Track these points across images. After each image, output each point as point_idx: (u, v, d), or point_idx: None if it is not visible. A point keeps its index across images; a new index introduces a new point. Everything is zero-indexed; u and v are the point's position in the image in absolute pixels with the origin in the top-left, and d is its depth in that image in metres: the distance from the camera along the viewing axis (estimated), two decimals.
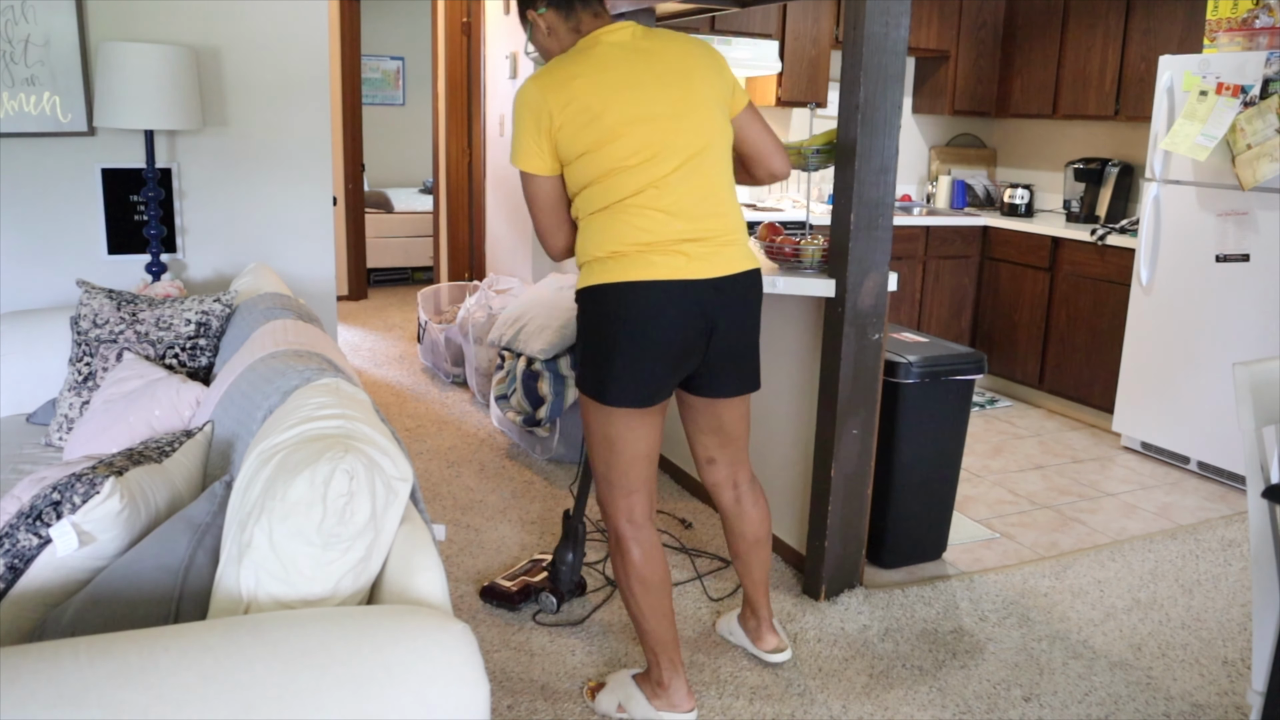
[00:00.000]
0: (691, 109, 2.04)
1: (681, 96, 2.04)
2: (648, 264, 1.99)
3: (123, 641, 1.17)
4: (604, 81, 1.99)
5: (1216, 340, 3.97)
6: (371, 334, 6.29)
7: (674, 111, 2.02)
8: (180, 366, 2.69)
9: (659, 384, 2.06)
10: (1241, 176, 3.75)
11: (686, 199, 2.02)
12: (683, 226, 2.01)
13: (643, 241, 2.00)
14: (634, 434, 2.11)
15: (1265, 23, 3.82)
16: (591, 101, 1.98)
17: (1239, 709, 2.46)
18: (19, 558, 1.59)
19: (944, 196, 5.81)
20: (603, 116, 1.98)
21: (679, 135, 2.02)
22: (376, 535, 1.45)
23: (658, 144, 2.00)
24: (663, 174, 2.00)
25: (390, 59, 8.97)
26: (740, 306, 2.10)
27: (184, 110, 3.26)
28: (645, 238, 2.00)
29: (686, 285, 2.00)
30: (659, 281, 1.98)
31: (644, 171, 1.99)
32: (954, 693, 2.49)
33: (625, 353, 2.02)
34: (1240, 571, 3.22)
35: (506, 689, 2.44)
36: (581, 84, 1.99)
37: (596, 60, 2.02)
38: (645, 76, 2.02)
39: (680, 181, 2.02)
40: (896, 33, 2.68)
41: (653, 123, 2.00)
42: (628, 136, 1.98)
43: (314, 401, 1.67)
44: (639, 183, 1.99)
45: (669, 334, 2.01)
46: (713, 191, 2.06)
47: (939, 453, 3.15)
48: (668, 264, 2.00)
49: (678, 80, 2.04)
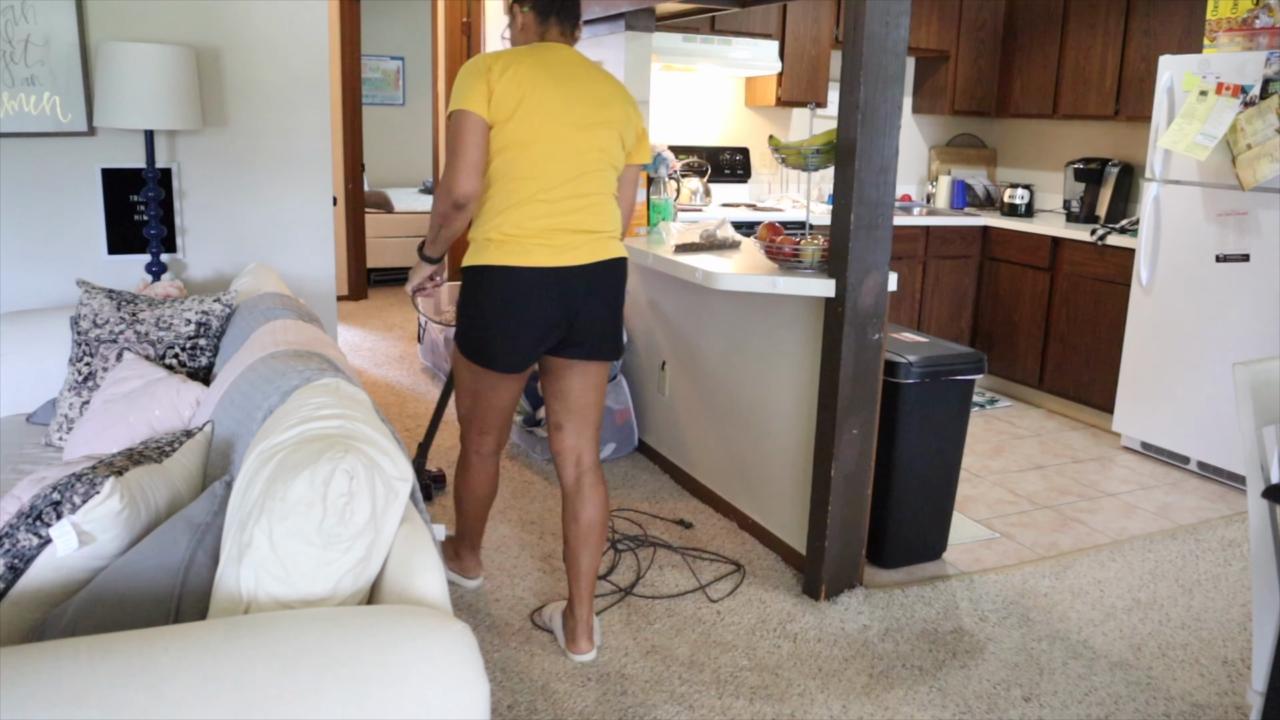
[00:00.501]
0: (597, 129, 2.36)
1: (593, 116, 2.36)
2: (526, 251, 2.30)
3: (123, 641, 1.17)
4: (539, 74, 2.30)
5: (1216, 340, 3.97)
6: (371, 334, 6.29)
7: (582, 124, 2.34)
8: (180, 366, 2.69)
9: (527, 353, 2.39)
10: (1241, 176, 3.75)
11: (565, 199, 2.33)
12: (554, 221, 2.32)
13: (520, 231, 2.31)
14: (497, 392, 2.51)
15: (1265, 23, 3.82)
16: (524, 82, 2.28)
17: (1239, 709, 2.46)
18: (19, 558, 1.59)
19: (944, 196, 5.81)
20: (528, 97, 2.28)
21: (579, 143, 2.33)
22: (376, 535, 1.45)
23: (559, 143, 2.31)
24: (551, 170, 2.31)
25: (390, 59, 8.97)
26: (604, 289, 2.41)
27: (184, 110, 3.26)
28: (521, 229, 2.31)
29: (558, 271, 2.32)
30: (534, 268, 2.30)
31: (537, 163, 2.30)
32: (954, 693, 2.49)
33: (502, 326, 2.34)
34: (1240, 571, 3.22)
35: (506, 689, 2.44)
36: (523, 68, 2.29)
37: (541, 58, 2.34)
38: (572, 88, 2.34)
39: (569, 183, 2.33)
40: (896, 33, 2.68)
41: (562, 123, 2.31)
42: (535, 125, 2.29)
43: (314, 401, 1.67)
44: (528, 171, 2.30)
45: (538, 313, 2.33)
46: (589, 198, 2.37)
47: (939, 453, 3.15)
48: (539, 252, 2.31)
49: (595, 104, 2.37)
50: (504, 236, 2.31)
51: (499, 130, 2.29)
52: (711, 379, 3.60)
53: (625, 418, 4.08)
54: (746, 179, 5.38)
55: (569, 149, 2.33)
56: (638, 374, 4.18)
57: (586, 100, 2.35)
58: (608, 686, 2.46)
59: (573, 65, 2.38)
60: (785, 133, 5.61)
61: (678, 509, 3.59)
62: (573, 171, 2.33)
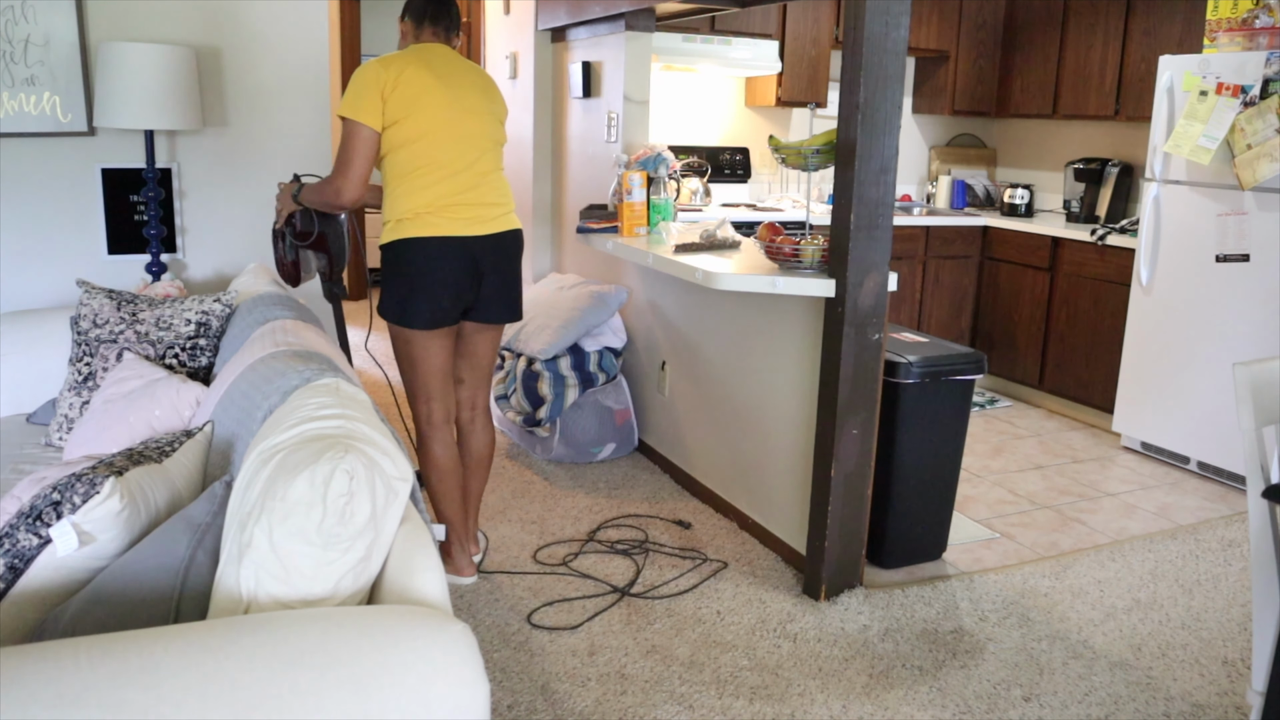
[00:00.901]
0: (481, 114, 2.73)
1: (476, 103, 2.72)
2: (433, 224, 2.65)
3: (123, 641, 1.17)
4: (424, 73, 2.63)
5: (1216, 340, 3.97)
6: (371, 334, 6.28)
7: (468, 111, 2.70)
8: (180, 366, 2.69)
9: (443, 312, 2.73)
10: (1241, 177, 3.75)
11: (464, 177, 2.68)
12: (459, 196, 2.68)
13: (429, 207, 2.65)
14: (428, 351, 2.78)
15: (1265, 23, 3.82)
16: (413, 82, 2.60)
17: (1239, 709, 2.46)
18: (19, 558, 1.59)
19: (944, 196, 5.81)
20: (419, 95, 2.60)
21: (467, 128, 2.69)
22: (376, 535, 1.45)
23: (450, 130, 2.65)
24: (449, 155, 2.65)
25: None
26: (503, 256, 2.78)
27: (184, 110, 3.26)
28: (430, 204, 2.65)
29: (465, 240, 2.69)
30: (440, 237, 2.66)
31: (435, 150, 2.63)
32: (954, 693, 2.49)
33: (419, 288, 2.68)
34: (1240, 571, 3.22)
35: (506, 689, 2.44)
36: (409, 69, 2.61)
37: (424, 59, 2.67)
38: (453, 81, 2.69)
39: (463, 163, 2.68)
40: (896, 33, 2.68)
41: (452, 112, 2.66)
42: (427, 117, 2.61)
43: (314, 401, 1.67)
44: (430, 158, 2.63)
45: (449, 276, 2.69)
46: (486, 175, 2.74)
47: (939, 453, 3.15)
48: (448, 224, 2.66)
49: (477, 94, 2.73)
50: (415, 214, 2.65)
51: (399, 127, 2.61)
52: (711, 379, 3.60)
53: (625, 418, 4.08)
54: (746, 179, 5.39)
55: (461, 134, 2.67)
56: (638, 374, 4.18)
57: (469, 90, 2.71)
58: (608, 686, 2.46)
59: (451, 62, 2.73)
60: (785, 133, 5.61)
61: (678, 509, 3.59)
62: (468, 155, 2.69)
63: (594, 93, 4.33)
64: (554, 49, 4.75)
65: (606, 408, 4.01)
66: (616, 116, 4.13)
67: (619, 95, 4.09)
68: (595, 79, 4.31)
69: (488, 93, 2.78)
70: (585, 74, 4.34)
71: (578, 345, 4.03)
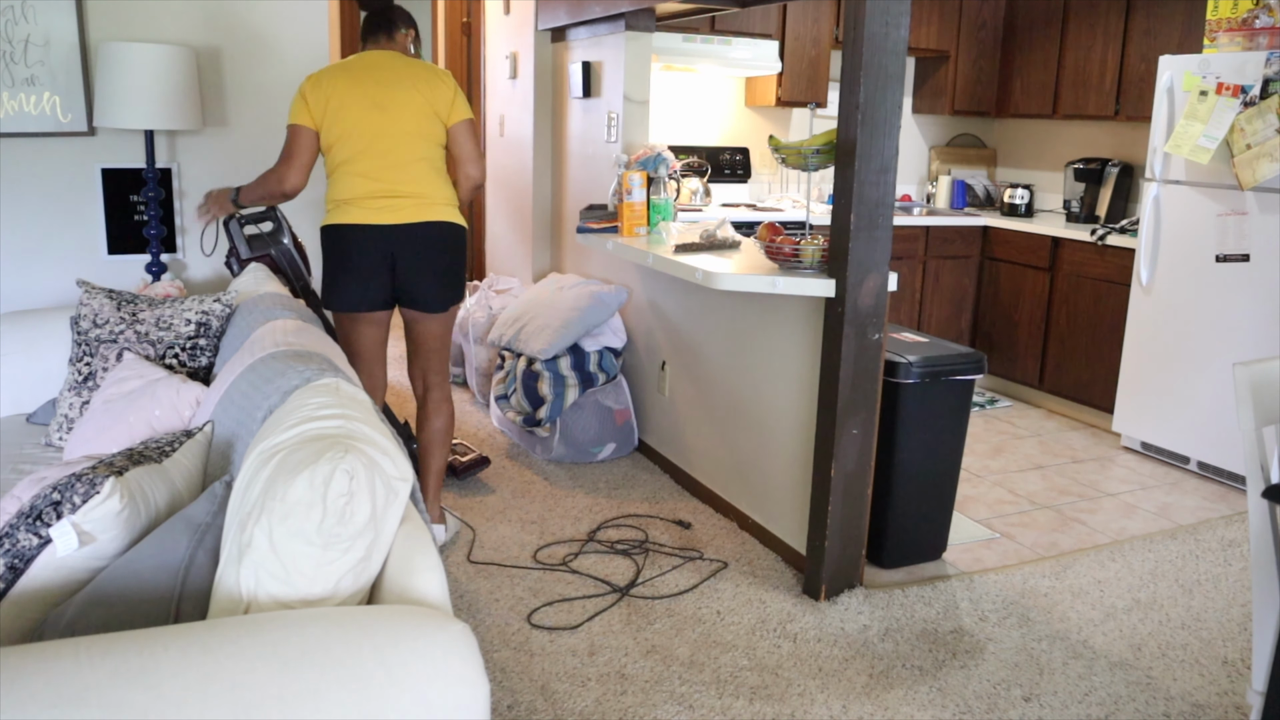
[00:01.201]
0: (398, 108, 2.90)
1: (390, 98, 2.89)
2: (348, 213, 2.89)
3: (123, 641, 1.17)
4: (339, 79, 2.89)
5: (1216, 340, 3.97)
6: None
7: (385, 108, 2.89)
8: (180, 366, 2.69)
9: (360, 296, 2.93)
10: (1241, 177, 3.75)
11: (378, 168, 2.89)
12: (373, 187, 2.89)
13: (348, 197, 2.89)
14: (356, 334, 3.02)
15: (1265, 23, 3.82)
16: (328, 90, 2.88)
17: (1239, 709, 2.46)
18: (19, 558, 1.59)
19: (944, 196, 5.81)
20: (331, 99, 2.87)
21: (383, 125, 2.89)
22: (376, 535, 1.45)
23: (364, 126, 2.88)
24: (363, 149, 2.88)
25: None
26: (419, 245, 2.93)
27: (184, 110, 3.26)
28: (350, 194, 2.89)
29: (377, 228, 2.89)
30: (352, 224, 2.89)
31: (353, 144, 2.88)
32: (954, 693, 2.49)
33: (336, 272, 2.93)
34: (1240, 571, 3.22)
35: (506, 689, 2.44)
36: (329, 79, 2.89)
37: (346, 66, 2.92)
38: (367, 81, 2.89)
39: (376, 156, 2.89)
40: (896, 33, 2.68)
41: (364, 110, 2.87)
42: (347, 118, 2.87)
43: (314, 401, 1.67)
44: (350, 153, 2.88)
45: (361, 261, 2.90)
46: (403, 167, 2.91)
47: (939, 453, 3.15)
48: (361, 213, 2.89)
49: (391, 88, 2.90)
50: (336, 204, 2.91)
51: (325, 131, 2.88)
52: (711, 379, 3.60)
53: (625, 418, 4.08)
54: (746, 179, 5.39)
55: (377, 131, 2.88)
56: (638, 374, 4.18)
57: (381, 87, 2.89)
58: (608, 686, 2.46)
59: (373, 64, 2.94)
60: (785, 133, 5.61)
61: (678, 509, 3.59)
62: (384, 148, 2.88)
63: (594, 93, 4.33)
64: (554, 49, 4.75)
65: (606, 408, 4.01)
66: (616, 116, 4.13)
67: (619, 95, 4.09)
68: (595, 79, 4.31)
69: (407, 84, 2.92)
70: (585, 74, 4.34)
71: (578, 345, 4.03)
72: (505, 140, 5.26)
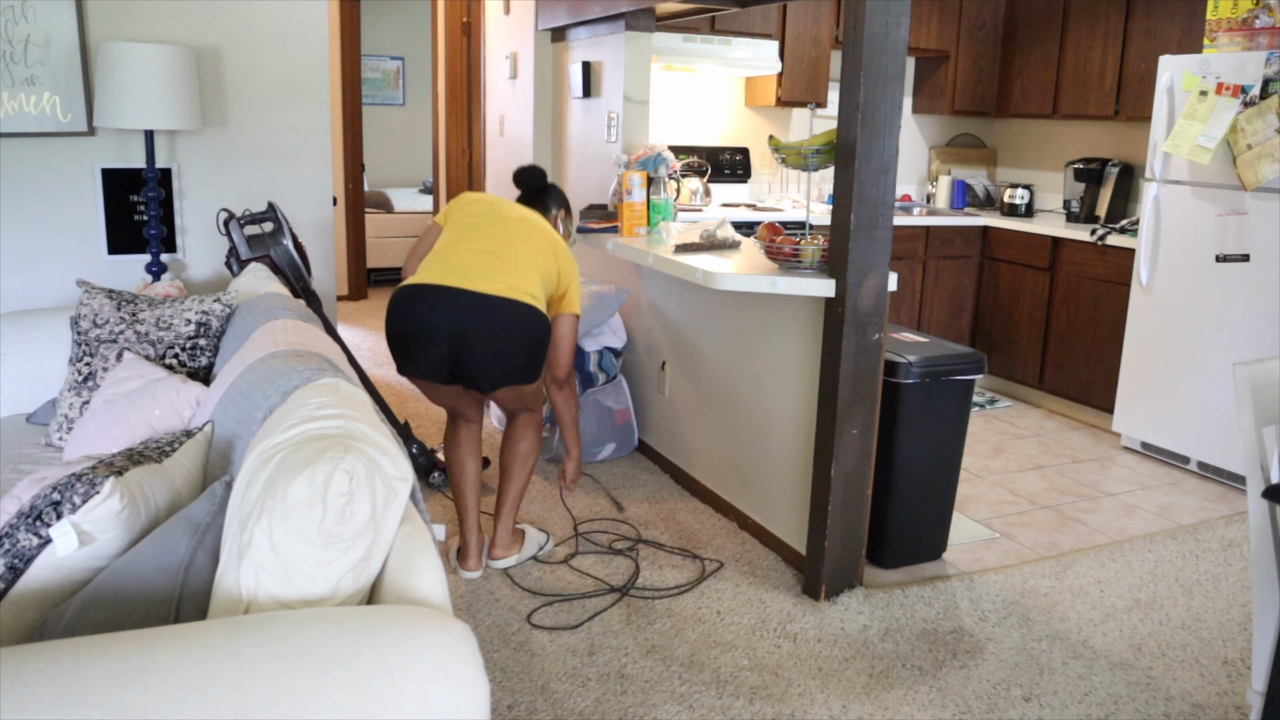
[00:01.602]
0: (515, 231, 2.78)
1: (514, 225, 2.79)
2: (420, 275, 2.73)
3: (123, 641, 1.17)
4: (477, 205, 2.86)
5: (1216, 340, 3.97)
6: (371, 334, 6.29)
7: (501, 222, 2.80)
8: (180, 366, 2.69)
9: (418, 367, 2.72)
10: (1244, 177, 3.75)
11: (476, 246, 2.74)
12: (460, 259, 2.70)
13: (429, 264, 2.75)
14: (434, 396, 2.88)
15: (1265, 23, 3.82)
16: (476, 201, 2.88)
17: (1239, 709, 2.46)
18: (19, 558, 1.59)
19: (944, 196, 5.81)
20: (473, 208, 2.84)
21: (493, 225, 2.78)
22: (376, 535, 1.45)
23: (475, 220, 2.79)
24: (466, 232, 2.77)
25: (390, 59, 8.96)
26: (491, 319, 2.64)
27: (184, 110, 3.26)
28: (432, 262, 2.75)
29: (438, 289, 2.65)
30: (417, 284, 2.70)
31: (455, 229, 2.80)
32: (954, 693, 2.49)
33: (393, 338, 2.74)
34: (1240, 571, 3.22)
35: (506, 689, 2.44)
36: (480, 199, 2.89)
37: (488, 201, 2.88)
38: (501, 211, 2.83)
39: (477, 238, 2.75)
40: (896, 33, 2.68)
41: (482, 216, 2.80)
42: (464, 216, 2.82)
43: (314, 401, 1.67)
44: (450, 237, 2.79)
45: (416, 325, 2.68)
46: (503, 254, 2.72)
47: (939, 453, 3.15)
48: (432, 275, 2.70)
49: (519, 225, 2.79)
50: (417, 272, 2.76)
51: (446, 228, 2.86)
52: (711, 379, 3.60)
53: (625, 418, 4.08)
54: (746, 179, 5.39)
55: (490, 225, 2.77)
56: (638, 374, 4.18)
57: (518, 223, 2.81)
58: (608, 686, 2.46)
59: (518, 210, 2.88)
60: (785, 133, 5.61)
61: (678, 509, 3.59)
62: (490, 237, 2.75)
63: (594, 93, 4.33)
64: (554, 49, 4.75)
65: (606, 408, 4.01)
66: (616, 116, 4.13)
67: (619, 95, 4.09)
68: (595, 79, 4.31)
69: (545, 239, 2.82)
70: (585, 74, 4.34)
71: (578, 345, 4.03)
72: (505, 140, 5.26)
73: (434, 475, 3.69)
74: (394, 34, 8.96)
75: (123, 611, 1.45)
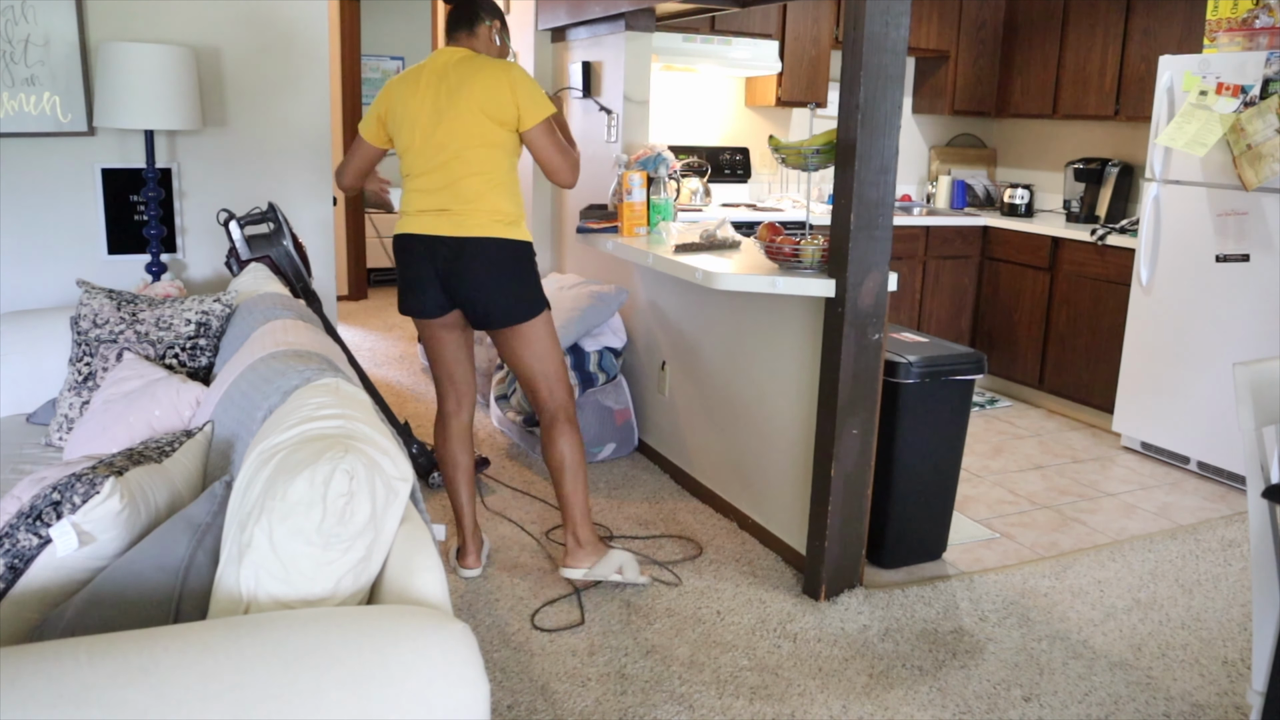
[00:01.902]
0: (453, 118, 2.75)
1: (446, 107, 2.75)
2: (407, 224, 2.86)
3: (123, 641, 1.17)
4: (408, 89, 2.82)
5: (1216, 340, 3.97)
6: (371, 334, 6.29)
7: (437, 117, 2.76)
8: (180, 366, 2.69)
9: (420, 303, 2.88)
10: (1244, 177, 3.75)
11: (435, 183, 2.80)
12: (429, 200, 2.82)
13: (409, 209, 2.87)
14: (429, 340, 2.99)
15: (1265, 23, 3.82)
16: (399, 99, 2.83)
17: (1239, 709, 2.46)
18: (19, 558, 1.59)
19: (944, 196, 5.81)
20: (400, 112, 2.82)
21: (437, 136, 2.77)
22: (376, 535, 1.45)
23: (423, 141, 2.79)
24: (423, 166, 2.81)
25: (390, 59, 8.96)
26: (471, 261, 2.79)
27: (184, 110, 3.26)
28: (408, 207, 2.87)
29: (425, 238, 2.81)
30: (410, 234, 2.85)
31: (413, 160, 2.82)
32: (954, 693, 2.49)
33: (400, 279, 2.93)
34: (1240, 571, 3.22)
35: (506, 689, 2.44)
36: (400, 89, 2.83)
37: (417, 72, 2.83)
38: (426, 90, 2.79)
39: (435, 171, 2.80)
40: (896, 33, 2.68)
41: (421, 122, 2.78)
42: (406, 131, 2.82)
43: (314, 401, 1.67)
44: (410, 168, 2.84)
45: (415, 268, 2.86)
46: (464, 181, 2.78)
47: (939, 453, 3.15)
48: (416, 224, 2.83)
49: (448, 96, 2.75)
50: (402, 213, 2.90)
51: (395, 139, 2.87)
52: (711, 379, 3.60)
53: (625, 418, 4.08)
54: (746, 179, 5.39)
55: (429, 144, 2.78)
56: (638, 374, 4.18)
57: (439, 94, 2.76)
58: (608, 686, 2.46)
59: (440, 68, 2.80)
60: (785, 133, 5.61)
61: (677, 509, 3.59)
62: (436, 161, 2.78)
63: (594, 93, 4.33)
64: (554, 49, 4.75)
65: (606, 408, 4.01)
66: (616, 116, 4.13)
67: (619, 95, 4.09)
68: (595, 79, 4.31)
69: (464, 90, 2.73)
70: (585, 74, 4.34)
71: (578, 345, 4.03)
72: None
73: (434, 475, 3.69)
74: (394, 34, 8.96)
75: (123, 611, 1.45)
